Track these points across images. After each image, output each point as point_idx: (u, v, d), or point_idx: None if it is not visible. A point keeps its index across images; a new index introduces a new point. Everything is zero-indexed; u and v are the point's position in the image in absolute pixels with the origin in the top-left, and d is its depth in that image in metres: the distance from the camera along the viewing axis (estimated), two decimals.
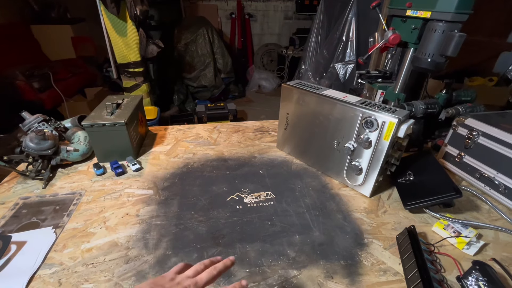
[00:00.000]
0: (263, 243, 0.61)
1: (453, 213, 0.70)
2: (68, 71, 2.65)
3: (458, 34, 0.71)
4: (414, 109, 0.87)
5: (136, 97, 1.00)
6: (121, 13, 1.97)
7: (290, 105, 0.87)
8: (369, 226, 0.66)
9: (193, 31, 3.23)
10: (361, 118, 0.69)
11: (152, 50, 2.26)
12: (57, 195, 0.75)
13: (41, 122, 0.85)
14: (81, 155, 0.87)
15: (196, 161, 0.92)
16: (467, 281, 0.50)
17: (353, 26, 2.41)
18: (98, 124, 0.82)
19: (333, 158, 0.81)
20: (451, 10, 0.72)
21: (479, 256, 0.59)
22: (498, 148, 0.72)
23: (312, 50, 2.96)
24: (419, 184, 0.74)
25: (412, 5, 0.81)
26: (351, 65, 2.47)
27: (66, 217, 0.67)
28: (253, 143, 1.03)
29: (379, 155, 0.69)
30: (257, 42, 4.28)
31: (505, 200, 0.72)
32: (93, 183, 0.80)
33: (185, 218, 0.68)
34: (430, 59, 0.79)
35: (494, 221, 0.69)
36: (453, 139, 0.85)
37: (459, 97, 0.95)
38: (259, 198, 0.75)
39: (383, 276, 0.54)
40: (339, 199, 0.76)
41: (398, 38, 0.85)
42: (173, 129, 1.13)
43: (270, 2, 4.04)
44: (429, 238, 0.64)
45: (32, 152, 0.77)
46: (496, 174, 0.73)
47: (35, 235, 0.62)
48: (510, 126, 0.74)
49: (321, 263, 0.57)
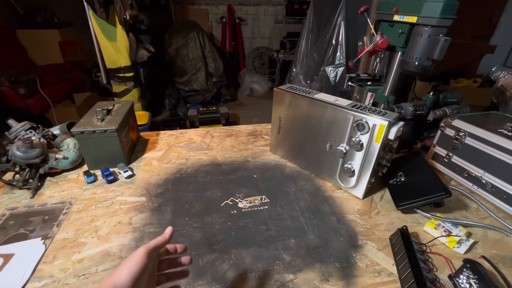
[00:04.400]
0: (259, 247, 0.61)
1: (443, 212, 0.72)
2: (56, 76, 2.59)
3: (443, 39, 0.74)
4: (403, 111, 0.89)
5: (127, 103, 0.99)
6: (110, 18, 1.95)
7: (282, 109, 0.88)
8: (362, 228, 0.67)
9: (184, 35, 3.22)
10: (353, 121, 0.70)
11: (143, 55, 2.24)
12: (46, 205, 0.73)
13: (28, 129, 0.83)
14: (71, 163, 0.85)
15: (189, 166, 0.91)
16: (458, 279, 0.51)
17: (342, 30, 2.45)
18: (88, 131, 0.80)
19: (326, 161, 0.81)
20: (436, 15, 0.74)
21: (469, 254, 0.61)
22: (484, 148, 0.74)
23: (302, 54, 3.00)
24: (410, 185, 0.75)
25: (399, 10, 0.83)
26: (341, 68, 2.51)
27: (56, 227, 0.65)
28: (246, 147, 1.03)
29: (370, 157, 0.70)
30: (248, 45, 4.31)
31: (492, 198, 0.74)
32: (84, 191, 0.78)
33: (179, 225, 0.67)
34: (417, 63, 0.81)
35: (482, 219, 0.71)
36: (441, 140, 0.88)
37: (446, 98, 0.98)
38: (254, 203, 0.75)
39: (378, 277, 0.55)
40: (333, 201, 0.76)
41: (386, 42, 0.87)
42: (165, 134, 1.12)
43: (260, 6, 4.08)
44: (421, 237, 0.65)
45: (19, 161, 0.75)
46: (483, 173, 0.76)
47: (23, 247, 0.60)
48: (495, 126, 0.76)
49: (317, 266, 0.57)
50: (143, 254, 0.34)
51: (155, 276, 0.39)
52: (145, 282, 0.35)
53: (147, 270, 0.35)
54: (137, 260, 0.33)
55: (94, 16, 1.92)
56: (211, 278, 0.54)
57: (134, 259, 0.33)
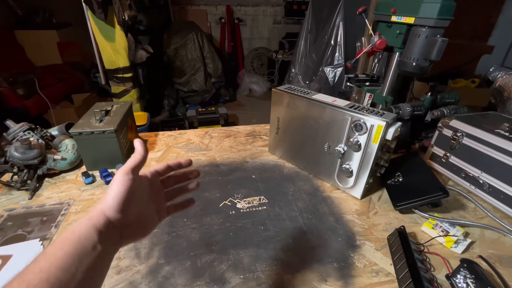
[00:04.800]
0: (257, 248, 0.61)
1: (441, 212, 0.72)
2: (55, 77, 2.59)
3: (440, 39, 0.74)
4: (401, 111, 0.89)
5: (126, 103, 0.99)
6: (108, 18, 1.95)
7: (280, 109, 0.88)
8: (360, 228, 0.67)
9: (183, 36, 3.22)
10: (350, 122, 0.70)
11: (141, 55, 2.24)
12: (44, 206, 0.73)
13: (26, 130, 0.83)
14: (69, 164, 0.85)
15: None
16: (455, 279, 0.51)
17: (341, 30, 2.46)
18: (86, 132, 0.80)
19: (324, 161, 0.82)
20: (433, 16, 0.75)
21: (466, 254, 0.61)
22: (481, 148, 0.74)
23: (301, 54, 3.00)
24: (408, 185, 0.76)
25: (396, 11, 0.83)
26: (340, 69, 2.52)
27: (54, 228, 0.65)
28: (245, 148, 1.03)
29: (368, 158, 0.71)
30: (247, 46, 4.31)
31: (489, 198, 0.75)
32: (82, 192, 0.78)
33: (178, 226, 0.67)
34: (415, 63, 0.81)
35: (480, 219, 0.71)
36: (439, 140, 0.88)
37: (443, 99, 0.98)
38: (252, 203, 0.75)
39: (376, 277, 0.55)
40: (331, 201, 0.77)
41: (384, 43, 0.88)
42: (164, 135, 1.12)
43: (259, 7, 4.09)
44: (419, 237, 0.65)
45: (17, 162, 0.75)
46: (480, 173, 0.76)
47: (21, 248, 0.60)
48: (492, 126, 0.77)
49: (315, 267, 0.57)
50: (121, 174, 0.33)
51: (161, 194, 0.41)
52: (142, 199, 0.36)
53: (137, 188, 0.34)
54: (117, 182, 0.32)
55: (92, 16, 1.92)
56: (209, 278, 0.54)
57: (115, 183, 0.33)
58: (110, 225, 0.31)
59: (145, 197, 0.37)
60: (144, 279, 0.54)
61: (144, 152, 0.36)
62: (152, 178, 0.39)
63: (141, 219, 0.36)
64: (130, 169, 0.33)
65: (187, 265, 0.57)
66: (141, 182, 0.36)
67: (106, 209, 0.31)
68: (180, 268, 0.56)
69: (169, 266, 0.57)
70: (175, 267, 0.57)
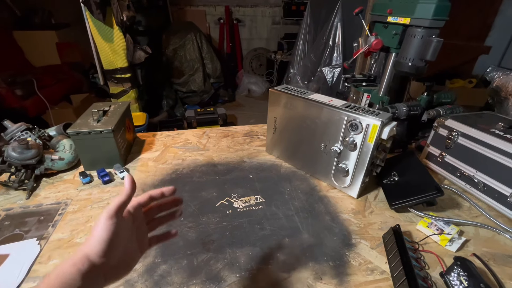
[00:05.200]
0: (253, 247, 0.62)
1: (436, 211, 0.73)
2: (53, 78, 2.59)
3: (436, 40, 0.75)
4: (398, 111, 0.90)
5: (123, 104, 1.00)
6: (107, 19, 1.96)
7: (278, 109, 0.89)
8: (356, 227, 0.68)
9: (181, 36, 3.23)
10: (346, 121, 0.71)
11: (140, 56, 2.24)
12: (42, 206, 0.73)
13: (24, 130, 0.83)
14: (67, 164, 0.85)
15: (185, 167, 0.91)
16: (449, 276, 0.52)
17: (339, 31, 2.46)
18: (84, 132, 0.80)
19: (320, 161, 0.82)
20: (428, 17, 0.75)
21: (461, 252, 0.62)
22: (476, 148, 0.75)
23: (300, 55, 3.01)
24: (404, 184, 0.76)
25: (392, 11, 0.84)
26: (338, 69, 2.52)
27: (51, 227, 0.66)
28: (242, 148, 1.04)
29: (364, 157, 0.71)
30: (246, 46, 4.32)
31: (484, 197, 0.75)
32: (79, 192, 0.78)
33: (174, 225, 0.67)
34: (411, 63, 0.82)
35: (474, 218, 0.71)
36: (434, 139, 0.89)
37: (439, 99, 0.99)
38: (249, 203, 0.75)
39: (371, 275, 0.56)
40: (327, 201, 0.77)
41: (380, 43, 0.88)
42: (162, 135, 1.12)
43: (258, 8, 4.09)
44: (414, 236, 0.65)
45: (14, 162, 0.75)
46: (475, 172, 0.77)
47: (18, 248, 0.60)
48: (487, 126, 0.77)
49: (310, 265, 0.58)
50: (105, 219, 0.33)
51: (143, 227, 0.40)
52: (126, 238, 0.35)
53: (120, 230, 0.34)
54: (102, 226, 0.32)
55: (91, 17, 1.93)
56: (206, 277, 0.55)
57: (99, 227, 0.32)
58: (94, 269, 0.31)
59: (128, 235, 0.36)
60: (141, 278, 0.54)
61: (130, 190, 0.35)
62: (135, 213, 0.38)
63: (125, 257, 0.36)
64: (114, 212, 0.33)
65: (183, 264, 0.57)
66: (125, 223, 0.35)
67: (90, 254, 0.31)
68: (177, 267, 0.57)
69: (165, 264, 0.57)
70: (171, 265, 0.57)
